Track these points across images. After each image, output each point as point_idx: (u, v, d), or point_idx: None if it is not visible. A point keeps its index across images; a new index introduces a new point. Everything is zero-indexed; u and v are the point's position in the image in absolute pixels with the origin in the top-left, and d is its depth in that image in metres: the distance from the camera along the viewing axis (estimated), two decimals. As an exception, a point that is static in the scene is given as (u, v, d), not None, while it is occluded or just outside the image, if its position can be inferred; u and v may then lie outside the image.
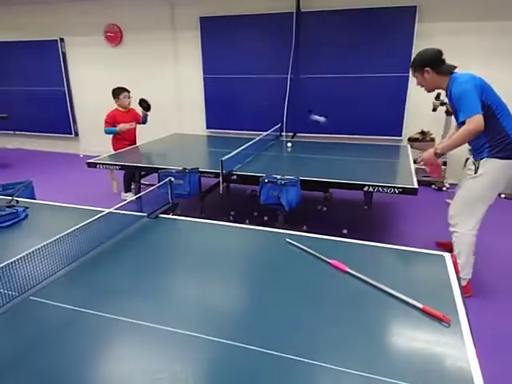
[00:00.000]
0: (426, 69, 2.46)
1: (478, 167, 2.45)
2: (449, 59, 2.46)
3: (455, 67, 2.46)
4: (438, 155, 2.52)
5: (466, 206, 2.54)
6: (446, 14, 4.59)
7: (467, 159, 2.69)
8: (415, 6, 4.60)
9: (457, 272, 1.40)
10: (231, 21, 5.37)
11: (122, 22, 6.04)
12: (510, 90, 2.97)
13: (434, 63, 2.45)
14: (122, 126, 4.33)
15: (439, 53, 2.48)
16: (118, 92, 4.40)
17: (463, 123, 2.32)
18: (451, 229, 2.61)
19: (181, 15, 5.69)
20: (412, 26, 4.66)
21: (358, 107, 5.19)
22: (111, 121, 4.35)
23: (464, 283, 2.55)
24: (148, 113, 4.48)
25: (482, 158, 2.44)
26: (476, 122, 2.26)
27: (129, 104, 4.46)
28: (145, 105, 4.40)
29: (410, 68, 2.60)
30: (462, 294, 1.29)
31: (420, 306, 1.18)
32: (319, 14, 5.01)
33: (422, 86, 2.58)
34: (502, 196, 4.49)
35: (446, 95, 2.53)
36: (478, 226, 2.54)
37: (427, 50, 2.52)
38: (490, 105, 2.32)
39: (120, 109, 4.42)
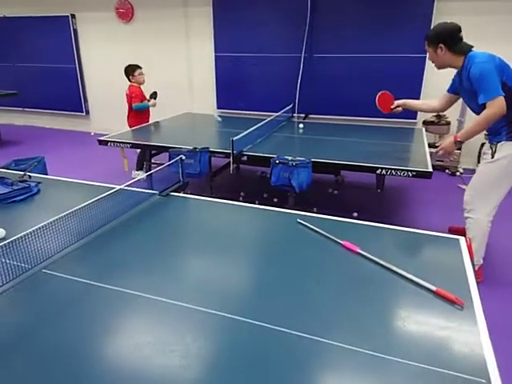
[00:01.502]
0: (440, 45, 2.33)
1: (495, 151, 2.37)
2: (469, 39, 2.35)
3: (472, 47, 2.33)
4: (458, 143, 2.42)
5: (482, 192, 2.47)
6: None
7: (483, 144, 2.62)
8: (435, -16, 4.42)
9: (471, 257, 1.37)
10: (244, -3, 5.24)
11: (133, -1, 5.94)
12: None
13: (449, 40, 2.32)
14: (154, 102, 4.40)
15: (457, 29, 2.34)
16: (132, 69, 4.37)
17: (483, 106, 2.24)
18: (466, 214, 2.56)
19: (193, -10, 5.57)
20: (431, 4, 4.49)
21: (373, 88, 5.02)
22: (141, 96, 4.38)
23: (476, 268, 2.53)
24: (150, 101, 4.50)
25: (499, 142, 2.35)
26: (498, 105, 2.17)
27: (143, 81, 4.44)
28: (155, 95, 4.47)
29: (425, 41, 2.45)
30: (475, 276, 1.27)
31: (433, 288, 1.16)
32: (335, -10, 4.85)
33: (433, 62, 2.47)
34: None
35: (460, 74, 2.41)
36: (494, 212, 2.48)
37: (445, 24, 2.38)
38: (510, 86, 2.23)
39: (136, 85, 4.40)
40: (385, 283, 1.23)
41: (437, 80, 4.73)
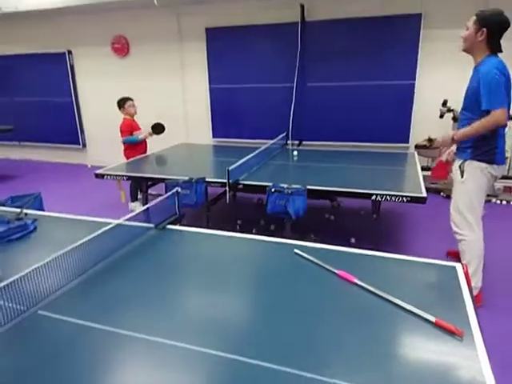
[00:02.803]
0: (483, 29, 2.28)
1: (463, 170, 2.48)
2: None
3: (501, 51, 2.35)
4: (454, 141, 2.48)
5: (461, 214, 2.55)
6: (450, 22, 4.58)
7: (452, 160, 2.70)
8: (420, 14, 4.60)
9: (468, 283, 1.37)
10: (236, 31, 5.42)
11: (128, 34, 6.12)
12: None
13: (494, 30, 2.27)
14: (146, 134, 4.44)
15: (507, 26, 2.28)
16: (122, 102, 4.47)
17: (486, 111, 2.27)
18: (457, 237, 2.60)
19: (187, 26, 5.76)
20: (417, 33, 4.66)
21: (365, 114, 5.18)
22: (129, 129, 4.43)
23: (475, 292, 2.51)
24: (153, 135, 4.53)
25: (465, 160, 2.47)
26: (501, 115, 2.23)
27: (135, 112, 4.52)
28: (159, 130, 4.49)
29: (475, 16, 2.33)
30: (474, 305, 1.27)
31: (433, 319, 1.16)
32: (323, 23, 5.04)
33: (464, 41, 2.40)
34: (504, 203, 4.44)
35: (473, 69, 2.43)
36: (480, 228, 2.54)
37: (500, 15, 2.28)
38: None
39: (128, 117, 4.47)
40: (383, 315, 1.23)
41: (426, 106, 4.88)
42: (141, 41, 6.09)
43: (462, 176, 2.49)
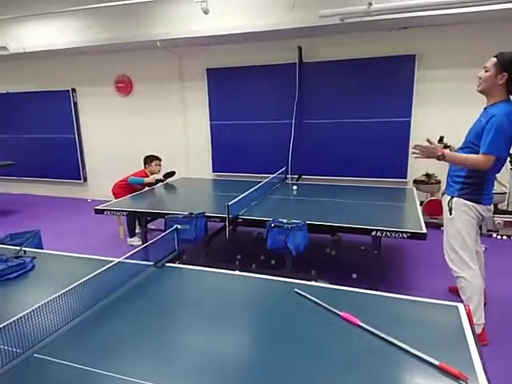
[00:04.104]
0: (504, 73, 2.25)
1: (451, 207, 2.51)
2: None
3: None
4: (441, 157, 2.37)
5: (454, 251, 2.54)
6: (443, 62, 4.76)
7: (444, 194, 2.70)
8: (414, 55, 4.78)
9: (471, 324, 1.35)
10: (236, 71, 5.62)
11: (132, 74, 6.33)
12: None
13: None
14: (150, 178, 4.58)
15: None
16: (150, 159, 4.72)
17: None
18: (454, 274, 2.58)
19: (188, 67, 5.97)
20: (412, 73, 4.83)
21: (362, 150, 5.27)
22: (142, 176, 4.61)
23: (479, 330, 2.46)
24: (166, 180, 4.80)
25: (452, 197, 2.50)
26: (488, 162, 2.26)
27: (159, 171, 4.75)
28: (170, 175, 4.79)
29: (494, 57, 2.31)
30: (478, 347, 1.25)
31: (436, 363, 1.13)
32: (321, 64, 5.22)
33: (480, 81, 2.37)
34: (505, 238, 4.43)
35: (483, 110, 2.42)
36: (476, 264, 2.53)
37: None
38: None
39: (149, 173, 4.67)
40: (387, 358, 1.20)
41: (422, 142, 4.91)
42: (144, 80, 6.29)
43: (451, 213, 2.51)
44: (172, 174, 4.83)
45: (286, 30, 4.71)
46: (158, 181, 4.69)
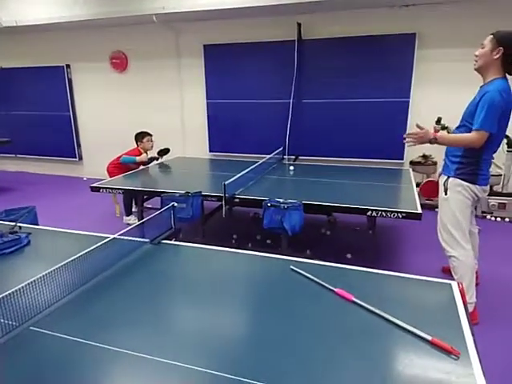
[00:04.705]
0: (500, 48, 2.24)
1: (447, 187, 2.52)
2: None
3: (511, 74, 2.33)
4: (433, 140, 2.39)
5: (447, 231, 2.57)
6: (444, 41, 4.69)
7: (440, 174, 2.70)
8: (414, 34, 4.70)
9: (464, 302, 1.37)
10: (234, 48, 5.50)
11: (127, 49, 6.19)
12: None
13: (510, 50, 2.24)
14: (142, 157, 4.50)
15: None
16: (142, 136, 4.62)
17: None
18: (447, 254, 2.61)
19: (185, 43, 5.84)
20: (412, 52, 4.75)
21: (360, 131, 5.24)
22: (136, 154, 4.52)
23: (471, 309, 2.51)
24: (161, 157, 4.75)
25: (448, 177, 2.50)
26: (481, 138, 2.26)
27: (151, 147, 4.67)
28: (164, 152, 4.73)
29: (491, 35, 2.31)
30: (470, 323, 1.26)
31: (429, 338, 1.15)
32: (320, 41, 5.12)
33: (478, 59, 2.36)
34: (507, 220, 4.46)
35: (480, 88, 2.41)
36: (469, 243, 2.56)
37: None
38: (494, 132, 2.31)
39: (142, 151, 4.59)
40: (380, 334, 1.22)
41: (420, 123, 4.91)
42: (139, 56, 6.16)
43: (446, 193, 2.52)
44: (166, 151, 4.77)
45: (285, 4, 4.59)
46: (151, 159, 4.65)
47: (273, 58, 5.39)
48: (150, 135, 4.66)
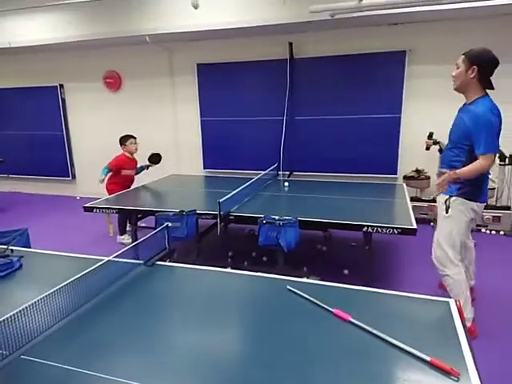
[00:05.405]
0: (474, 67, 2.27)
1: (448, 206, 2.49)
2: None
3: (492, 88, 2.36)
4: (456, 178, 2.41)
5: (442, 249, 2.56)
6: (434, 58, 4.78)
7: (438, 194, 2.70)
8: (404, 51, 4.80)
9: (462, 319, 1.36)
10: (227, 67, 5.57)
11: (121, 69, 6.24)
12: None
13: (485, 67, 2.28)
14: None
15: (496, 63, 2.29)
16: (125, 139, 4.54)
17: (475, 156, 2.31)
18: (440, 272, 2.61)
19: (178, 62, 5.90)
20: (402, 69, 4.84)
21: (353, 146, 5.29)
22: (120, 164, 4.43)
23: (469, 324, 2.49)
24: (152, 165, 4.69)
25: (450, 196, 2.48)
26: (490, 161, 2.28)
27: (136, 150, 4.57)
28: (155, 159, 4.66)
29: (463, 55, 2.36)
30: (468, 342, 1.25)
31: (428, 358, 1.14)
32: (312, 59, 5.20)
33: (455, 80, 2.40)
34: (501, 233, 4.48)
35: (462, 109, 2.46)
36: (460, 260, 2.57)
37: (489, 52, 2.30)
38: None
39: (127, 154, 4.52)
40: (378, 355, 1.20)
41: (412, 138, 4.99)
42: (133, 76, 6.20)
43: (447, 212, 2.51)
44: (157, 156, 4.64)
45: (276, 25, 4.68)
46: (142, 167, 4.61)
47: (265, 77, 5.46)
48: (134, 138, 4.55)
